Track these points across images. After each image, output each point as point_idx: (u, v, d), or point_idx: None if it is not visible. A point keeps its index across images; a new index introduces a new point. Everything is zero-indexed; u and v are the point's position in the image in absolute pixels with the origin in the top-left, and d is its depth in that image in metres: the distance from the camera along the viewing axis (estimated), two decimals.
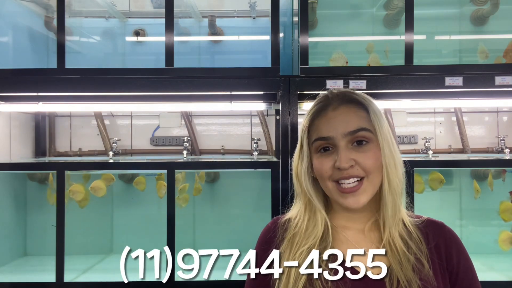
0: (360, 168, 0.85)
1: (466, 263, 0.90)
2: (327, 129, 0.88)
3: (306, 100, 1.83)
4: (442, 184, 2.00)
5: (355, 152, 0.86)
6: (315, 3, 1.99)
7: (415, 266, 0.84)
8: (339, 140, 0.86)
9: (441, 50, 2.16)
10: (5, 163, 1.93)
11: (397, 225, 0.89)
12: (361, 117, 0.88)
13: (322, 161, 0.88)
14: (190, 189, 2.13)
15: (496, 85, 1.71)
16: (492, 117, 2.36)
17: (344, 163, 0.84)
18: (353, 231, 0.92)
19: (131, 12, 2.33)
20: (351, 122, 0.87)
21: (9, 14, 2.12)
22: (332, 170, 0.86)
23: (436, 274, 0.86)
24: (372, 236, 0.91)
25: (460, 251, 0.90)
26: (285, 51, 2.11)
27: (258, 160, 2.04)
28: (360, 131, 0.86)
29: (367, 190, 0.86)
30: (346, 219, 0.93)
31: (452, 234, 0.92)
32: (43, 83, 1.76)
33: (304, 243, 0.89)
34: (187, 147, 2.23)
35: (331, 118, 0.89)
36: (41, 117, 2.33)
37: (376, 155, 0.86)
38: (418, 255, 0.86)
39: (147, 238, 2.17)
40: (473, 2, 2.11)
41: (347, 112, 0.89)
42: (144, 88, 1.75)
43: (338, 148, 0.86)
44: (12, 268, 2.03)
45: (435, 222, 0.93)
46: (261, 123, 2.32)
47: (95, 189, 1.98)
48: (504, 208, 1.98)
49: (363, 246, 0.89)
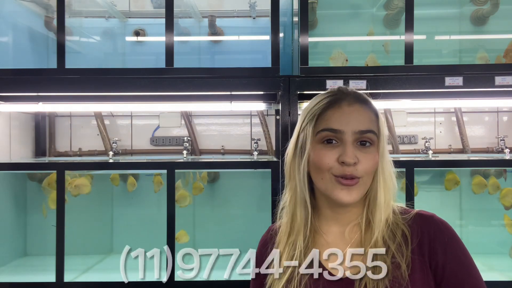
0: (360, 167, 0.86)
1: (455, 257, 0.86)
2: (339, 122, 0.88)
3: (306, 100, 1.83)
4: (457, 186, 2.02)
5: (359, 151, 0.87)
6: (315, 3, 1.99)
7: (389, 269, 0.84)
8: (348, 136, 0.87)
9: (441, 50, 2.16)
10: (5, 163, 1.93)
11: (383, 225, 0.90)
12: (372, 120, 0.90)
13: (326, 153, 0.88)
14: (190, 189, 2.13)
15: (496, 85, 1.71)
16: (492, 117, 2.36)
17: (351, 158, 0.85)
18: (334, 235, 0.93)
19: (131, 12, 2.33)
20: (363, 121, 0.88)
21: (9, 14, 2.12)
22: (333, 164, 0.87)
23: (414, 274, 0.85)
24: (352, 237, 0.92)
25: (448, 244, 0.87)
26: (285, 51, 2.11)
27: (258, 160, 2.04)
28: (369, 133, 0.88)
29: (360, 189, 0.88)
30: (331, 221, 0.94)
31: (440, 227, 0.88)
32: (43, 83, 1.76)
33: (291, 238, 0.92)
34: (187, 147, 2.23)
35: (345, 112, 0.89)
36: (41, 117, 2.33)
37: (375, 159, 0.88)
38: (397, 258, 0.85)
39: (147, 238, 2.17)
40: (473, 2, 2.11)
41: (361, 112, 0.90)
42: (144, 88, 1.75)
43: (345, 143, 0.87)
44: (12, 268, 2.03)
45: (423, 216, 0.91)
46: (261, 123, 2.32)
47: (79, 186, 1.98)
48: (504, 193, 1.99)
49: (342, 248, 0.91)
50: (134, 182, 2.13)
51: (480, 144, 2.33)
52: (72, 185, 1.95)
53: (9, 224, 2.10)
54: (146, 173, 2.17)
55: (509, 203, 1.99)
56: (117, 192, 2.28)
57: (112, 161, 2.08)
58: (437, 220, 0.90)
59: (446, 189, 2.03)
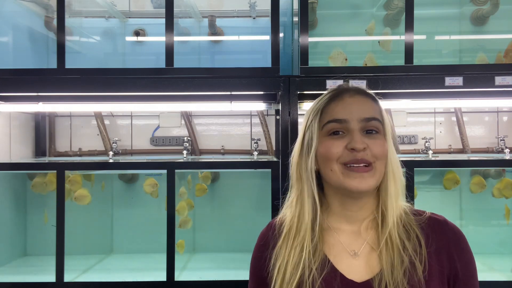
0: (370, 153, 0.86)
1: (469, 265, 0.87)
2: (343, 112, 0.88)
3: (306, 100, 1.83)
4: (457, 185, 2.02)
5: (366, 138, 0.87)
6: (315, 3, 1.99)
7: (407, 270, 0.82)
8: (354, 124, 0.87)
9: (441, 50, 2.16)
10: (5, 163, 1.93)
11: (398, 222, 0.88)
12: (375, 109, 0.90)
13: (333, 143, 0.87)
14: (193, 191, 2.13)
15: (496, 85, 1.71)
16: (492, 117, 2.36)
17: (360, 144, 0.85)
18: (347, 234, 0.91)
19: (131, 12, 2.33)
20: (367, 110, 0.89)
21: (9, 14, 2.12)
22: (342, 152, 0.86)
23: (431, 279, 0.83)
24: (368, 236, 0.90)
25: (463, 252, 0.87)
26: (285, 51, 2.11)
27: (258, 160, 2.04)
28: (373, 120, 0.88)
29: (374, 175, 0.86)
30: (342, 219, 0.92)
31: (455, 234, 0.89)
32: (43, 83, 1.76)
33: (297, 239, 0.89)
34: (187, 147, 2.23)
35: (347, 103, 0.89)
36: (41, 117, 2.33)
37: (384, 145, 0.88)
38: (413, 258, 0.84)
39: (147, 238, 2.17)
40: (473, 2, 2.11)
41: (363, 101, 0.90)
42: (144, 88, 1.75)
43: (352, 131, 0.87)
44: (12, 268, 2.03)
45: (437, 221, 0.90)
46: (261, 123, 2.32)
47: (79, 198, 1.98)
48: (504, 184, 1.99)
49: (355, 248, 0.89)
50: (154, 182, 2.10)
51: (480, 144, 2.33)
52: (73, 197, 1.96)
53: (9, 224, 2.10)
54: (146, 173, 2.16)
55: (509, 195, 1.99)
56: (117, 192, 2.28)
57: (112, 161, 2.08)
58: (452, 226, 0.90)
59: (445, 188, 2.03)
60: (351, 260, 0.88)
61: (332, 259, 0.88)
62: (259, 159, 2.10)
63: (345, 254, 0.88)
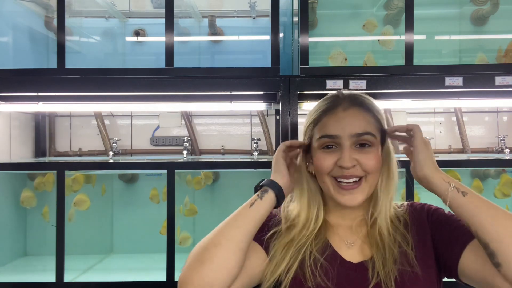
0: (361, 168, 0.88)
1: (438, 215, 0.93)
2: (335, 128, 0.90)
3: (306, 100, 1.83)
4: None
5: (358, 152, 0.89)
6: (315, 3, 1.99)
7: (398, 259, 0.87)
8: (345, 140, 0.89)
9: (441, 50, 2.16)
10: (5, 163, 1.93)
11: (386, 222, 0.92)
12: (368, 121, 0.91)
13: (325, 157, 0.90)
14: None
15: (496, 85, 1.71)
16: (492, 117, 2.36)
17: (348, 163, 0.87)
18: (343, 228, 0.96)
19: (131, 12, 2.33)
20: (359, 125, 0.90)
21: (9, 14, 2.12)
22: (333, 167, 0.90)
23: (422, 261, 0.88)
24: (359, 231, 0.95)
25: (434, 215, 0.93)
26: (285, 51, 2.11)
27: (258, 160, 2.04)
28: (366, 135, 0.90)
29: (364, 189, 0.90)
30: (338, 216, 0.97)
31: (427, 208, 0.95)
32: (43, 83, 1.76)
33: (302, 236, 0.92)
34: (187, 147, 2.23)
35: (340, 118, 0.91)
36: (41, 117, 2.33)
37: (377, 158, 0.90)
38: (403, 247, 0.89)
39: (147, 238, 2.17)
40: (473, 2, 2.11)
41: (356, 115, 0.91)
42: (144, 88, 1.75)
43: (342, 147, 0.89)
44: (12, 268, 2.03)
45: (413, 205, 0.98)
46: (261, 123, 2.32)
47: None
48: (504, 181, 1.98)
49: (349, 240, 0.95)
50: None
51: (480, 144, 2.34)
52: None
53: (9, 224, 2.10)
54: (146, 173, 2.17)
55: (508, 192, 1.98)
56: (117, 192, 2.28)
57: (112, 161, 2.08)
58: (428, 207, 0.97)
59: None
60: (347, 250, 0.93)
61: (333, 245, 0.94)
62: (259, 159, 2.10)
63: (343, 244, 0.93)
